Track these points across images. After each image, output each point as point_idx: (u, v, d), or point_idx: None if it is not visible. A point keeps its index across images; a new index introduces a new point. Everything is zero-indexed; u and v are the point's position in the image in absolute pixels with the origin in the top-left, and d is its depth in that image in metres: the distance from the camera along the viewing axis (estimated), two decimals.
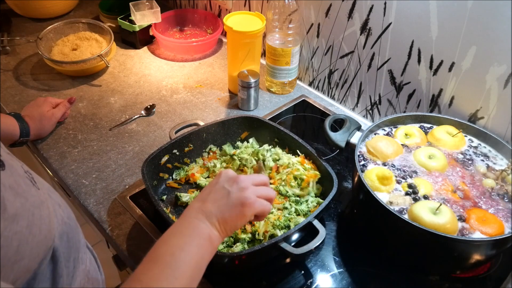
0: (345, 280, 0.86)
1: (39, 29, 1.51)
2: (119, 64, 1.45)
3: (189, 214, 0.66)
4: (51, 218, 0.55)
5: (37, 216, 0.51)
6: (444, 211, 0.78)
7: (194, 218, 0.65)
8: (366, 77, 1.18)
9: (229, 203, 0.67)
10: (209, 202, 0.67)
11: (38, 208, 0.52)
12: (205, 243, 0.63)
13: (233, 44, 1.23)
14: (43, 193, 0.56)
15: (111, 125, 1.21)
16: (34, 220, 0.50)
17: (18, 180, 0.50)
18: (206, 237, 0.63)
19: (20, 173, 0.52)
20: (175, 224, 0.66)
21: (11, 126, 1.03)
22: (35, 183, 0.55)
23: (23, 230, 0.48)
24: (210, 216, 0.65)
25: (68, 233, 0.63)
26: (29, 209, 0.50)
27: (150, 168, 0.95)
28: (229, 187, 0.69)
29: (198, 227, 0.64)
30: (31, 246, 0.50)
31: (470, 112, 1.00)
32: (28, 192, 0.51)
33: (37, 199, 0.52)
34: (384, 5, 1.03)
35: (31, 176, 0.55)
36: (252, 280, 0.86)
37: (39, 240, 0.51)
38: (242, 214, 0.67)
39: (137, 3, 1.46)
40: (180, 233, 0.63)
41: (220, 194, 0.68)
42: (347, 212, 1.00)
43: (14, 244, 0.47)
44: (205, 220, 0.65)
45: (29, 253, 0.50)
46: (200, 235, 0.63)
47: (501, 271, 0.88)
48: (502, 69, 0.90)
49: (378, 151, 0.92)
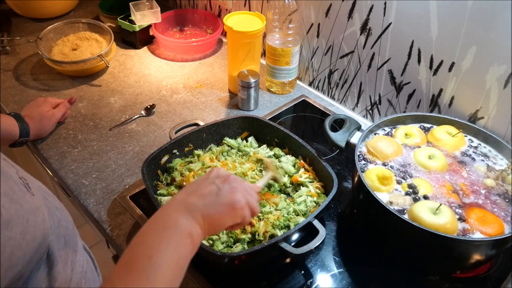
0: (345, 280, 0.86)
1: (39, 29, 1.51)
2: (119, 64, 1.45)
3: (169, 207, 0.61)
4: (46, 224, 0.54)
5: (32, 223, 0.50)
6: (444, 211, 0.78)
7: (174, 211, 0.59)
8: (366, 77, 1.18)
9: (218, 201, 0.63)
10: (195, 196, 0.62)
11: (33, 214, 0.51)
12: (185, 240, 0.57)
13: (233, 44, 1.23)
14: (38, 198, 0.55)
15: (111, 125, 1.21)
16: (28, 226, 0.50)
17: (13, 187, 0.50)
18: (186, 234, 0.58)
19: (15, 179, 0.52)
20: (153, 218, 0.59)
21: (10, 126, 1.03)
22: (30, 189, 0.54)
23: (17, 236, 0.47)
24: (194, 210, 0.60)
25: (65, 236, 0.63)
26: (24, 215, 0.49)
27: (150, 168, 0.95)
28: (220, 184, 0.65)
29: (177, 222, 0.58)
30: (25, 252, 0.49)
31: (470, 112, 1.00)
32: (22, 199, 0.51)
33: (31, 205, 0.52)
34: (384, 5, 1.03)
35: (26, 182, 0.55)
36: (252, 280, 0.86)
37: (32, 246, 0.50)
38: (230, 215, 0.63)
39: (137, 3, 1.46)
40: (157, 230, 0.57)
41: (209, 190, 0.63)
42: (347, 212, 1.00)
43: (7, 250, 0.46)
44: (186, 214, 0.59)
45: (22, 260, 0.49)
46: (179, 232, 0.58)
47: (501, 271, 0.88)
48: (502, 69, 0.90)
49: (378, 151, 0.92)
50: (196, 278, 0.85)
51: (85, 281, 0.67)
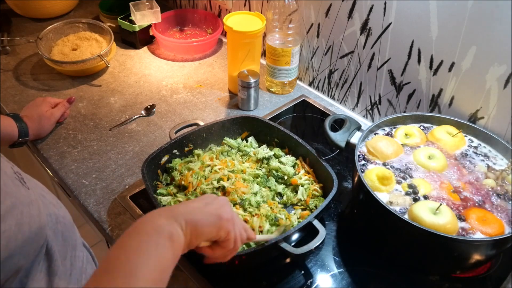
0: (345, 280, 0.86)
1: (39, 29, 1.51)
2: (119, 64, 1.45)
3: (152, 212, 0.58)
4: (41, 217, 0.55)
5: (26, 214, 0.51)
6: (444, 211, 0.78)
7: (157, 214, 0.57)
8: (366, 77, 1.18)
9: (205, 209, 0.61)
10: (181, 205, 0.61)
11: (28, 206, 0.52)
12: (165, 242, 0.55)
13: (233, 44, 1.23)
14: (34, 193, 0.56)
15: (111, 125, 1.21)
16: (23, 218, 0.51)
17: (6, 181, 0.51)
18: (166, 236, 0.55)
19: (8, 174, 0.53)
20: (136, 222, 0.57)
21: (9, 127, 1.03)
22: (25, 183, 0.55)
23: (12, 228, 0.49)
24: (177, 215, 0.58)
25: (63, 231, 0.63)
26: (18, 207, 0.50)
27: (150, 168, 0.95)
28: (209, 199, 0.64)
29: (157, 224, 0.56)
30: (21, 243, 0.50)
31: (470, 112, 1.00)
32: (17, 192, 0.52)
33: (26, 198, 0.53)
34: (384, 5, 1.03)
35: (21, 177, 0.56)
36: (252, 280, 0.86)
37: (28, 237, 0.51)
38: (214, 225, 0.61)
39: (137, 3, 1.46)
40: (137, 232, 0.55)
41: (197, 202, 0.63)
42: (347, 212, 1.00)
43: (2, 242, 0.47)
44: (168, 217, 0.57)
45: (19, 251, 0.50)
46: (159, 233, 0.55)
47: (501, 271, 0.88)
48: (502, 69, 0.90)
49: (378, 151, 0.92)
50: (196, 278, 0.85)
51: (85, 276, 0.68)
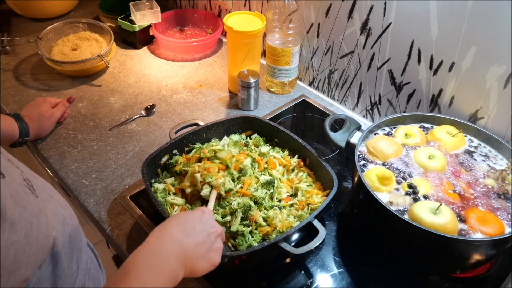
0: (345, 280, 0.86)
1: (39, 29, 1.51)
2: (119, 64, 1.45)
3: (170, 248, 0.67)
4: (48, 226, 0.54)
5: (35, 225, 0.50)
6: (444, 211, 0.78)
7: (173, 254, 0.66)
8: (366, 77, 1.18)
9: (207, 256, 0.71)
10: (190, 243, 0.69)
11: (36, 217, 0.51)
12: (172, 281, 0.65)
13: (233, 44, 1.23)
14: (42, 200, 0.55)
15: (111, 125, 1.21)
16: (32, 229, 0.50)
17: (17, 189, 0.50)
18: (174, 276, 0.65)
19: (18, 181, 0.52)
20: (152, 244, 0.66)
21: (10, 127, 1.03)
22: (34, 191, 0.54)
23: (21, 240, 0.47)
24: (186, 259, 0.67)
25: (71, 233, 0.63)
26: (27, 218, 0.49)
27: (150, 168, 0.95)
28: (213, 238, 0.72)
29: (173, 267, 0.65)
30: (28, 255, 0.49)
31: (470, 112, 1.00)
32: (27, 201, 0.51)
33: (35, 208, 0.52)
34: (384, 5, 1.03)
35: (30, 184, 0.55)
36: (252, 280, 0.86)
37: (36, 249, 0.50)
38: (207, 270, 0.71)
39: (137, 3, 1.46)
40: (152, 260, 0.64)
41: (203, 240, 0.71)
42: (347, 212, 1.00)
43: (11, 253, 0.46)
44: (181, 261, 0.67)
45: (25, 262, 0.49)
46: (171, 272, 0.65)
47: (501, 271, 0.88)
48: (502, 69, 0.90)
49: (378, 151, 0.92)
50: (196, 278, 0.85)
51: (89, 277, 0.67)
